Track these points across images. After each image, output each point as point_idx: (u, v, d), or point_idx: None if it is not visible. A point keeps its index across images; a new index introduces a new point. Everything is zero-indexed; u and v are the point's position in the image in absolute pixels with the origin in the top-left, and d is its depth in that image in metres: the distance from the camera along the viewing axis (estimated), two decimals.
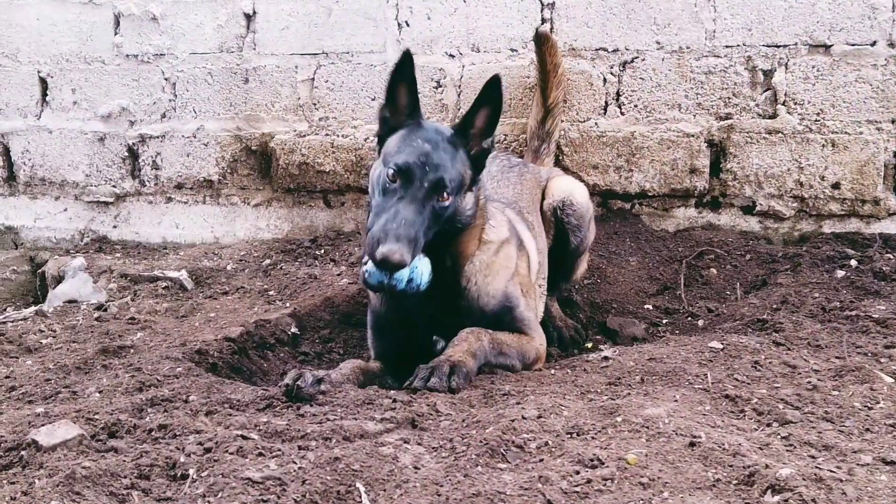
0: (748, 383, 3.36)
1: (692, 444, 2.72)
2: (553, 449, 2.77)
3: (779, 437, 2.86)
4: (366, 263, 3.43)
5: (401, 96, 3.73)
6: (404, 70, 3.68)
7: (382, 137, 3.77)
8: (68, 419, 3.02)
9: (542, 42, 5.30)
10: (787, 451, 2.75)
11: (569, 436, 2.87)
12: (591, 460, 2.65)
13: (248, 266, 5.56)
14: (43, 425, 2.98)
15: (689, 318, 4.75)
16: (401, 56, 3.68)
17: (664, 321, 4.78)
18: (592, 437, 2.85)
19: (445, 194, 3.51)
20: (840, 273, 4.75)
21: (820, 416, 3.05)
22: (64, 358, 4.02)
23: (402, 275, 3.36)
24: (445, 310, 3.76)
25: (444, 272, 3.68)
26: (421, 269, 3.46)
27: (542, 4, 5.49)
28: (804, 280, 4.74)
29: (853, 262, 4.86)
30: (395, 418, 3.02)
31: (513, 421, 2.93)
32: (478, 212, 3.79)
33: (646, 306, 4.94)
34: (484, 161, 3.77)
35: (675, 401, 3.15)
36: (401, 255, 3.27)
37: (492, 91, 3.69)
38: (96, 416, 3.09)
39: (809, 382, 3.33)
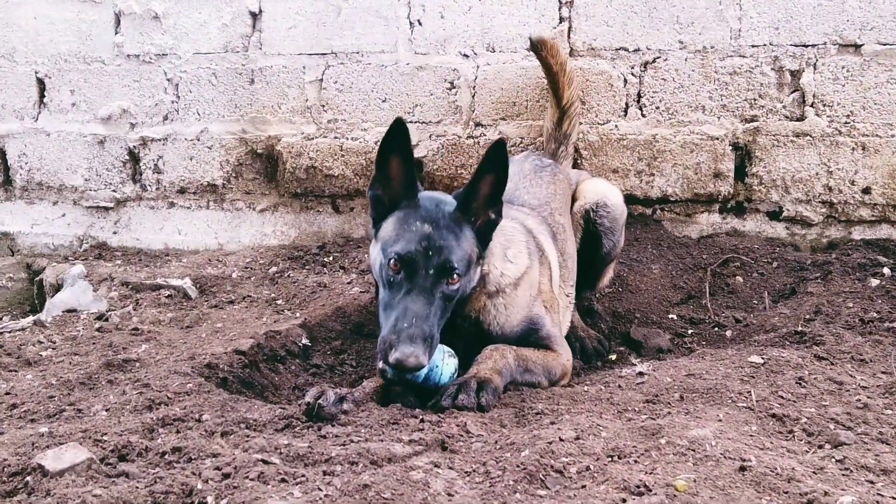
0: (794, 401, 3.22)
1: (742, 469, 2.58)
2: (595, 474, 2.60)
3: (833, 460, 2.72)
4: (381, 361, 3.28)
5: (393, 170, 3.45)
6: (395, 140, 3.38)
7: (377, 219, 3.54)
8: (75, 441, 2.86)
9: (539, 48, 5.10)
10: (844, 475, 2.62)
11: (610, 459, 2.71)
12: (638, 487, 2.48)
13: (254, 274, 5.40)
14: (48, 447, 2.83)
15: (716, 329, 4.60)
16: (392, 124, 3.36)
17: (690, 331, 4.63)
18: (635, 461, 2.68)
19: (455, 276, 3.34)
20: (874, 282, 4.59)
21: (874, 436, 2.92)
22: (66, 372, 3.83)
23: (421, 372, 3.28)
24: (468, 338, 3.64)
25: (464, 319, 3.61)
26: (441, 370, 3.41)
27: (560, 3, 5.34)
28: (836, 289, 4.58)
29: (886, 271, 4.71)
30: (424, 440, 2.85)
31: (550, 443, 2.76)
32: (481, 277, 3.60)
33: (670, 316, 4.79)
34: (490, 234, 3.56)
35: (720, 420, 3.01)
36: (416, 358, 3.13)
37: (496, 155, 3.41)
38: (105, 438, 2.91)
39: (859, 400, 3.19)
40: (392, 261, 3.30)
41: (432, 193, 3.54)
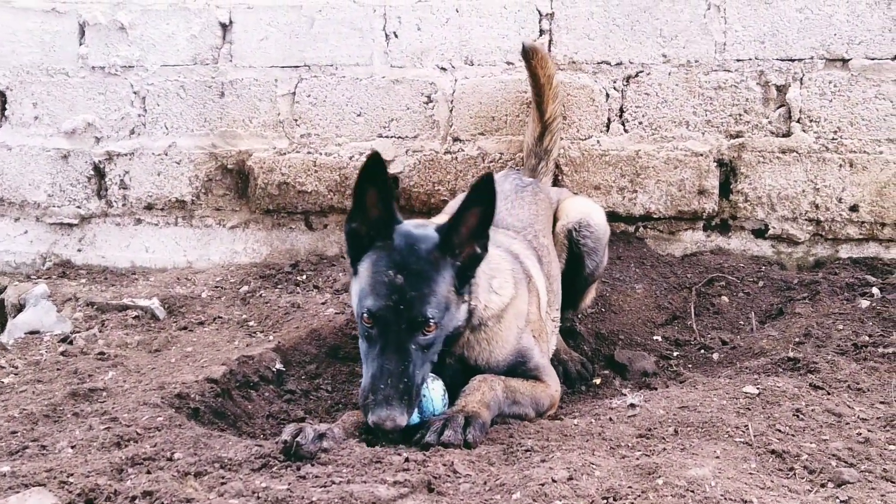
0: (793, 435, 3.11)
1: None
2: None
3: (837, 500, 2.63)
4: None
5: (370, 203, 3.29)
6: (371, 173, 3.24)
7: (354, 256, 3.39)
8: (39, 481, 2.73)
9: (531, 56, 4.98)
10: None
11: (605, 502, 2.57)
12: None
13: (224, 293, 5.23)
14: (10, 488, 2.69)
15: (702, 351, 4.49)
16: (368, 157, 3.22)
17: (675, 353, 4.52)
18: None
19: (430, 325, 3.22)
20: (864, 303, 4.50)
21: (878, 474, 2.82)
22: (30, 403, 3.64)
23: (414, 417, 3.23)
24: (454, 371, 3.53)
25: (449, 356, 3.50)
26: (431, 398, 3.33)
27: (541, 15, 5.22)
28: (825, 310, 4.49)
29: (875, 291, 4.62)
30: (410, 481, 2.70)
31: (542, 485, 2.63)
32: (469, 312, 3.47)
33: (654, 337, 4.68)
34: (475, 269, 3.39)
35: (717, 457, 2.89)
36: (392, 421, 3.08)
37: (484, 190, 3.26)
38: (71, 480, 2.76)
39: (860, 434, 3.09)
40: (365, 315, 3.20)
41: (411, 228, 3.37)
